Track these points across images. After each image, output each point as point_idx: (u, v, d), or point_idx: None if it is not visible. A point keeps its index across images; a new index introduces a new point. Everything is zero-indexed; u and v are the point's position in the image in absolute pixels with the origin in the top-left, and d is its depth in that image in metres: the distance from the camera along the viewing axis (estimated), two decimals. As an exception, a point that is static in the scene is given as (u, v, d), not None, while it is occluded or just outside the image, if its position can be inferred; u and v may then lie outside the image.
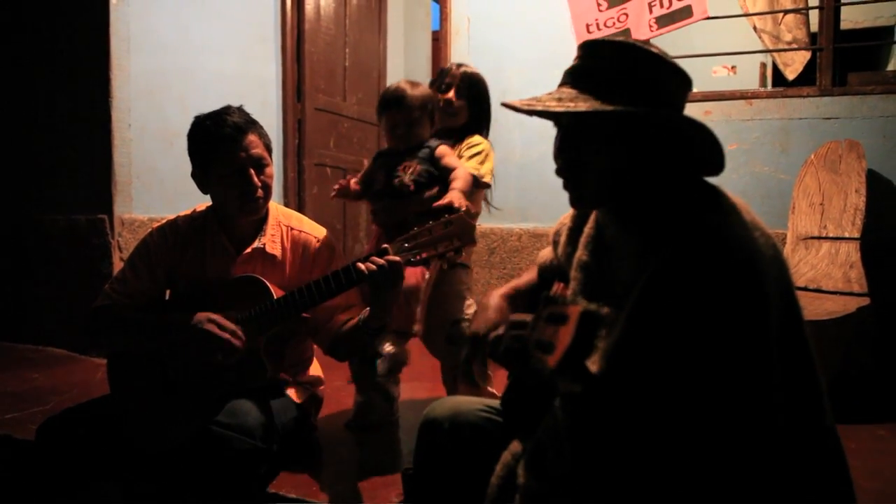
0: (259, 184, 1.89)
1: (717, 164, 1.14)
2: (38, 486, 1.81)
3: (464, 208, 1.94)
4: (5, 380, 3.04)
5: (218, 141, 1.86)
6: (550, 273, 1.51)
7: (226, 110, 1.90)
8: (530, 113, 1.16)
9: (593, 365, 1.08)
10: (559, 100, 1.14)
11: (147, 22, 3.60)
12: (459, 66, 2.51)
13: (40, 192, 3.71)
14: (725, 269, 1.02)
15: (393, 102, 2.28)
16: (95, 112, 3.46)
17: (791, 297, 1.11)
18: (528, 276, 1.57)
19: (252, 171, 1.88)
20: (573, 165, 1.18)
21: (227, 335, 1.75)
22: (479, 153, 2.36)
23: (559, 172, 1.21)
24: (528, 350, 1.06)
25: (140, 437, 1.81)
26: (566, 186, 1.21)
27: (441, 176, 2.20)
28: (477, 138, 2.42)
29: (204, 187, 1.96)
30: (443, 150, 2.25)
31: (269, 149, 1.94)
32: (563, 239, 1.40)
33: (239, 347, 1.76)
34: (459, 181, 2.12)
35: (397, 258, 1.70)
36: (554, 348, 0.98)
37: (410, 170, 2.22)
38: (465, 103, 2.44)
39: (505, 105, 1.19)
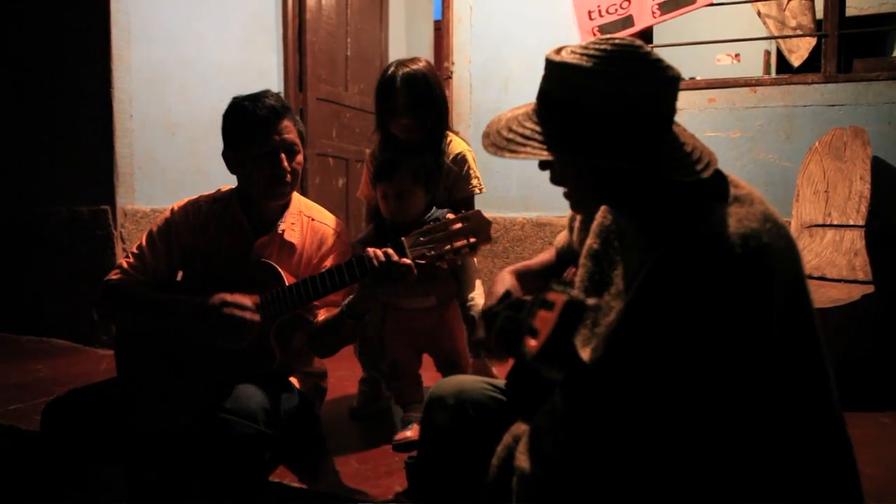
0: (289, 169, 1.91)
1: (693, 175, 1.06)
2: (44, 471, 1.82)
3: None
4: (9, 371, 3.06)
5: (254, 121, 1.87)
6: (568, 256, 1.50)
7: (264, 93, 1.93)
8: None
9: (586, 352, 1.08)
10: (509, 141, 1.10)
11: (148, 12, 3.59)
12: (399, 67, 2.21)
13: (42, 184, 3.71)
14: (722, 266, 1.00)
15: (383, 174, 2.08)
16: (97, 102, 3.47)
17: (802, 290, 1.10)
18: (546, 255, 1.56)
19: (283, 156, 1.89)
20: (556, 182, 1.18)
21: (244, 313, 1.75)
22: (471, 166, 2.30)
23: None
24: (521, 333, 1.05)
25: (144, 419, 1.81)
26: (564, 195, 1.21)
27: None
28: (457, 146, 2.29)
29: (233, 167, 1.97)
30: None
31: (301, 136, 1.96)
32: (577, 224, 1.40)
33: (255, 323, 1.76)
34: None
35: (409, 262, 1.66)
36: (538, 335, 0.97)
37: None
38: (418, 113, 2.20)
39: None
